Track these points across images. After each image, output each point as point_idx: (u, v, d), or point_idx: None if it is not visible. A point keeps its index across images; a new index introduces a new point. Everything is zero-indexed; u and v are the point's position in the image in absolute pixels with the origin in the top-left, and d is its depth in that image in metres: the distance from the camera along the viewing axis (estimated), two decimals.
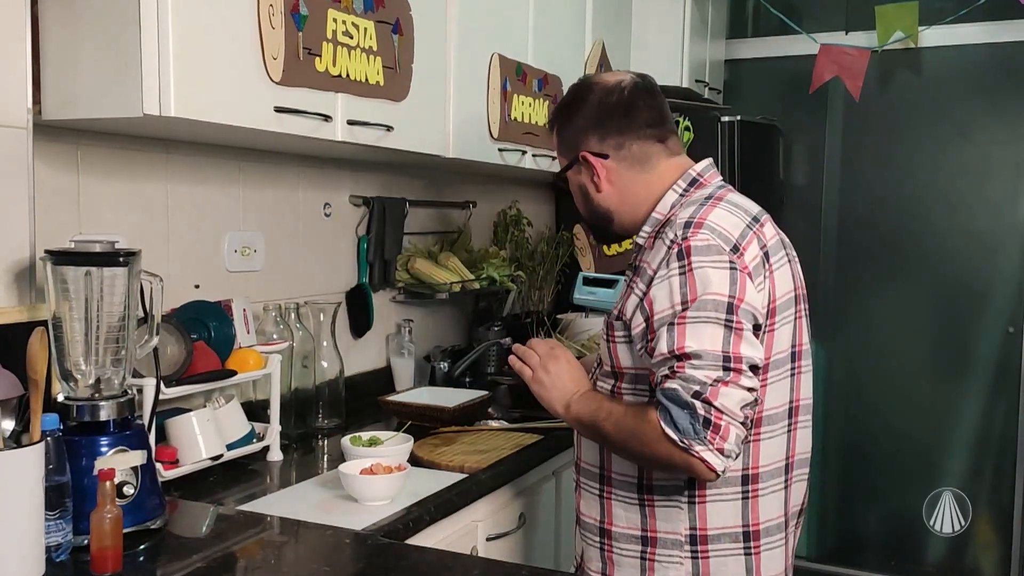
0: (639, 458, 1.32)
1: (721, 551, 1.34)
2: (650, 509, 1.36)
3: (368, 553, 1.29)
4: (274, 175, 2.09)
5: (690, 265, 1.25)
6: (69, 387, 1.32)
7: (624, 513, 1.38)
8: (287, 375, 1.97)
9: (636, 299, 1.32)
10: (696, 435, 1.20)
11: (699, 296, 1.23)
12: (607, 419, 1.33)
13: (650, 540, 1.36)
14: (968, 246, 3.33)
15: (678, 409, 1.20)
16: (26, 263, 1.43)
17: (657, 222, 1.39)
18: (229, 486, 1.64)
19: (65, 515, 1.19)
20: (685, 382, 1.21)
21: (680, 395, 1.20)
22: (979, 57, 3.27)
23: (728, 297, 1.23)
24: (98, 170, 1.67)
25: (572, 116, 1.44)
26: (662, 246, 1.30)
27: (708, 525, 1.33)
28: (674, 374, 1.22)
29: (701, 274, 1.24)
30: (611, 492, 1.40)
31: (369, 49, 1.77)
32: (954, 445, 3.39)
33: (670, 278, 1.26)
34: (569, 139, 1.45)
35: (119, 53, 1.36)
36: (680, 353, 1.22)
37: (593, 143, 1.42)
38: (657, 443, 1.23)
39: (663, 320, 1.25)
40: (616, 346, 1.36)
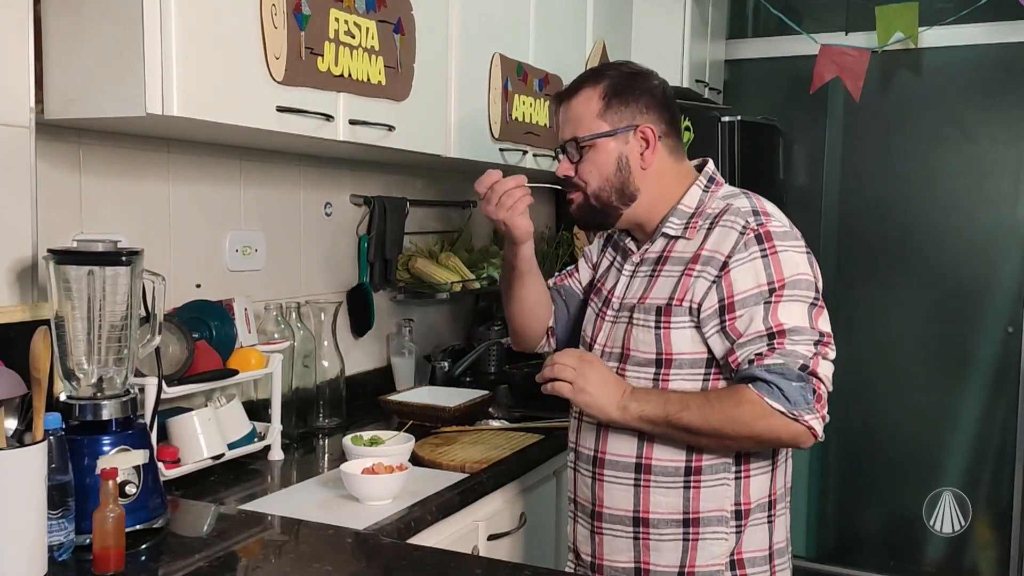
0: (734, 438, 1.34)
1: (755, 521, 1.42)
2: (695, 491, 1.40)
3: (369, 552, 1.29)
4: (275, 174, 2.09)
5: (773, 248, 1.34)
6: (71, 386, 1.32)
7: (664, 499, 1.41)
8: (288, 374, 1.97)
9: (706, 282, 1.36)
10: (807, 404, 1.29)
11: (789, 277, 1.33)
12: (685, 410, 1.34)
13: (693, 521, 1.41)
14: (968, 246, 3.33)
15: (788, 382, 1.28)
16: (28, 262, 1.43)
17: (686, 214, 1.44)
18: (230, 485, 1.64)
19: (67, 514, 1.19)
20: (790, 357, 1.29)
21: (790, 368, 1.29)
22: (979, 58, 3.27)
23: (813, 278, 1.36)
24: (100, 169, 1.67)
25: (637, 88, 1.46)
26: (729, 233, 1.37)
27: (751, 499, 1.42)
28: (773, 350, 1.30)
29: (786, 257, 1.34)
30: (649, 480, 1.42)
31: (371, 49, 1.77)
32: (953, 444, 3.39)
33: (752, 260, 1.34)
34: (628, 107, 1.45)
35: (122, 52, 1.36)
36: (779, 330, 1.30)
37: (653, 119, 1.45)
38: (759, 420, 1.30)
39: (749, 300, 1.32)
40: (671, 332, 1.38)
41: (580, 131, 1.45)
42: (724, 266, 1.35)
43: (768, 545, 1.44)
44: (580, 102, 1.46)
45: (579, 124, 1.46)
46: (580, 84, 1.48)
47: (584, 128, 1.45)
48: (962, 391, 3.37)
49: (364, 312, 2.34)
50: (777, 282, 1.32)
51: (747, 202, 1.41)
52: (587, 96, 1.46)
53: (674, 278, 1.40)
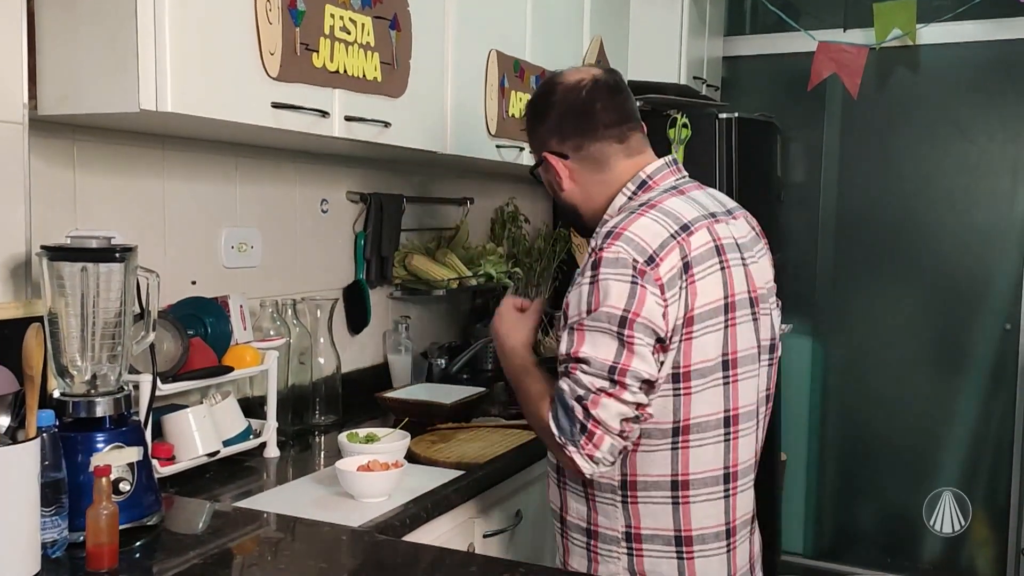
0: (537, 433, 1.40)
1: (654, 552, 1.36)
2: (592, 503, 1.40)
3: (365, 549, 1.29)
4: (271, 171, 2.09)
5: (598, 276, 1.28)
6: (65, 383, 1.31)
7: (575, 504, 1.42)
8: (284, 371, 1.97)
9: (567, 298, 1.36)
10: (571, 437, 1.27)
11: (599, 307, 1.27)
12: (521, 382, 1.41)
13: (593, 533, 1.40)
14: (965, 243, 3.34)
15: (561, 410, 1.28)
16: (22, 259, 1.42)
17: (606, 222, 1.38)
18: (225, 483, 1.64)
19: (61, 511, 1.19)
20: (573, 385, 1.27)
21: (565, 397, 1.28)
22: (977, 55, 3.27)
23: (623, 311, 1.25)
24: (94, 166, 1.66)
25: (538, 115, 1.48)
26: (586, 252, 1.35)
27: (641, 525, 1.36)
28: (567, 374, 1.29)
29: (604, 286, 1.27)
30: (565, 482, 1.44)
31: (367, 45, 1.77)
32: (950, 441, 3.39)
33: (581, 286, 1.30)
34: (536, 138, 1.50)
35: (116, 48, 1.35)
36: (575, 357, 1.28)
37: (554, 144, 1.45)
38: (543, 430, 1.33)
39: (569, 324, 1.31)
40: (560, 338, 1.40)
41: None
42: (572, 285, 1.34)
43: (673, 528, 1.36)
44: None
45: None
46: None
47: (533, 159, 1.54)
48: (960, 388, 3.38)
49: (360, 309, 2.34)
50: (589, 311, 1.27)
51: (617, 220, 1.35)
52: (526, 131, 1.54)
53: None
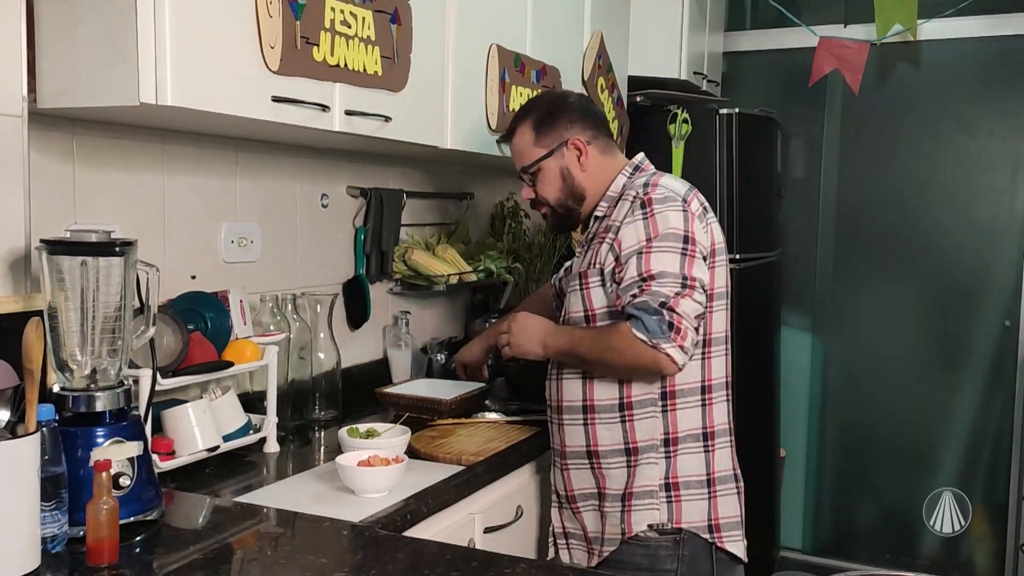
0: (613, 366, 1.62)
1: (687, 450, 1.67)
2: (630, 424, 1.67)
3: (365, 545, 1.29)
4: (271, 165, 2.08)
5: (652, 211, 1.61)
6: (65, 377, 1.31)
7: (608, 433, 1.68)
8: (284, 366, 1.97)
9: (607, 246, 1.65)
10: (663, 334, 1.52)
11: (662, 231, 1.58)
12: (582, 342, 1.64)
13: (631, 450, 1.67)
14: (965, 239, 3.33)
15: (647, 316, 1.52)
16: (21, 252, 1.42)
17: (612, 198, 1.75)
18: (226, 478, 1.64)
19: (61, 506, 1.18)
20: (652, 296, 1.54)
21: (650, 304, 1.53)
22: (978, 50, 3.27)
23: (683, 231, 1.59)
24: (94, 159, 1.66)
25: (556, 112, 1.79)
26: (625, 203, 1.67)
27: (678, 429, 1.67)
28: (642, 291, 1.55)
29: (661, 216, 1.60)
30: (594, 418, 1.69)
31: (367, 39, 1.76)
32: (949, 437, 3.40)
33: (635, 222, 1.62)
34: (554, 130, 1.77)
35: (115, 41, 1.34)
36: (647, 275, 1.56)
37: (577, 131, 1.77)
38: (628, 348, 1.55)
39: (631, 253, 1.59)
40: (590, 291, 1.68)
41: (525, 161, 1.79)
42: (617, 230, 1.64)
43: (707, 472, 1.68)
44: (517, 138, 1.81)
45: (522, 156, 1.80)
46: (514, 124, 1.82)
47: (527, 157, 1.79)
48: (959, 384, 3.38)
49: (360, 304, 2.33)
50: (654, 236, 1.58)
51: (644, 179, 1.69)
52: (521, 132, 1.80)
53: (594, 248, 1.71)
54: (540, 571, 1.23)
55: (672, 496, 1.66)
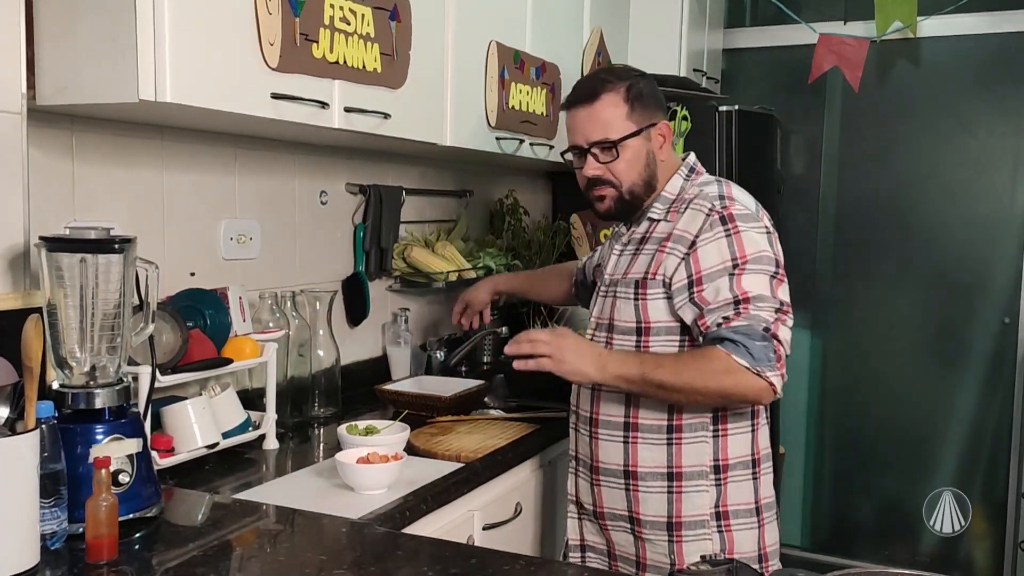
0: (706, 393, 1.49)
1: (737, 477, 1.60)
2: (677, 447, 1.58)
3: (364, 541, 1.29)
4: (270, 163, 2.08)
5: (736, 229, 1.52)
6: (64, 374, 1.31)
7: (650, 454, 1.60)
8: (283, 363, 1.97)
9: (676, 259, 1.54)
10: (768, 362, 1.44)
11: (751, 254, 1.50)
12: (659, 368, 1.50)
13: (675, 475, 1.59)
14: (965, 237, 3.33)
15: (752, 341, 1.44)
16: (20, 249, 1.42)
17: (668, 200, 1.64)
18: (225, 475, 1.64)
19: (60, 503, 1.18)
20: (753, 320, 1.46)
21: (755, 329, 1.45)
22: (978, 47, 3.26)
23: (773, 254, 1.53)
24: (93, 156, 1.66)
25: (652, 90, 1.65)
26: (697, 215, 1.55)
27: (728, 455, 1.59)
28: (739, 314, 1.46)
29: (747, 236, 1.52)
30: (637, 437, 1.61)
31: (366, 35, 1.76)
32: (949, 435, 3.40)
33: (717, 240, 1.52)
34: (648, 107, 1.63)
35: (114, 38, 1.34)
36: (742, 298, 1.47)
37: (660, 117, 1.65)
38: (727, 375, 1.45)
39: (716, 273, 1.50)
40: (647, 303, 1.58)
41: (611, 133, 1.60)
42: (692, 244, 1.53)
43: (755, 500, 1.61)
44: (605, 106, 1.60)
45: (609, 126, 1.60)
46: (600, 88, 1.60)
47: (615, 130, 1.60)
48: (958, 382, 3.38)
49: (360, 301, 2.33)
50: (740, 258, 1.49)
51: (716, 188, 1.59)
52: (612, 100, 1.60)
53: (650, 255, 1.59)
54: (539, 569, 1.23)
55: (723, 526, 1.59)
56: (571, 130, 1.66)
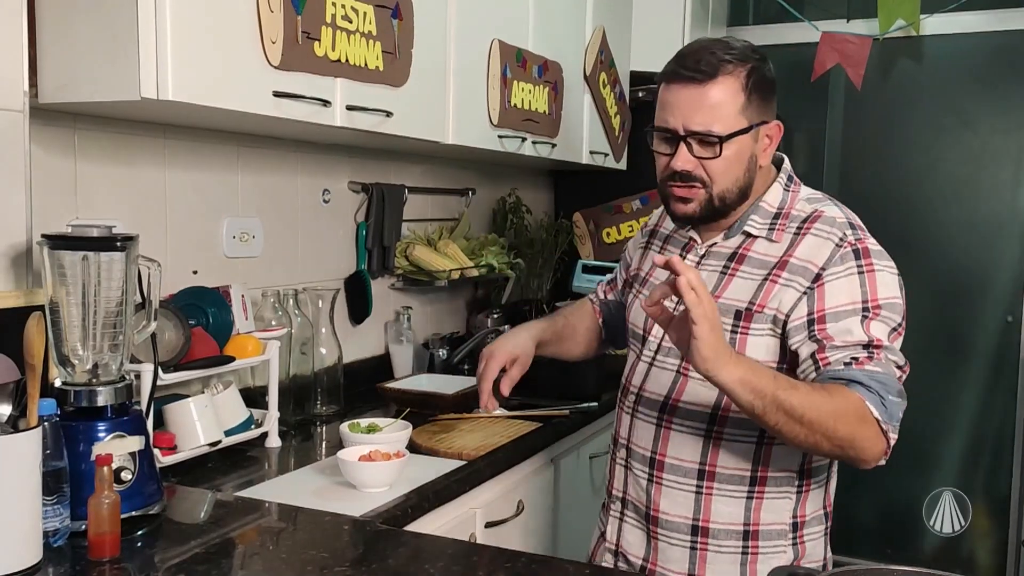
0: (824, 436, 1.21)
1: (813, 535, 1.41)
2: (758, 502, 1.37)
3: (366, 539, 1.29)
4: (272, 161, 2.08)
5: (871, 266, 1.30)
6: (66, 372, 1.31)
7: (726, 509, 1.37)
8: (285, 361, 1.97)
9: (795, 293, 1.30)
10: (896, 422, 1.24)
11: (884, 299, 1.29)
12: (794, 390, 1.20)
13: (752, 534, 1.37)
14: (968, 235, 3.33)
15: (888, 394, 1.23)
16: (23, 247, 1.42)
17: (769, 213, 1.38)
18: (227, 472, 1.64)
19: (63, 500, 1.19)
20: (890, 369, 1.25)
21: (893, 381, 1.24)
22: (981, 46, 3.25)
23: (903, 304, 1.32)
24: (95, 154, 1.66)
25: (772, 82, 1.37)
26: (824, 244, 1.32)
27: (807, 512, 1.40)
28: (871, 359, 1.24)
29: (882, 278, 1.30)
30: (712, 488, 1.37)
31: (368, 34, 1.76)
32: (951, 432, 3.39)
33: (850, 276, 1.29)
34: (764, 103, 1.35)
35: (116, 36, 1.34)
36: (877, 344, 1.25)
37: (774, 113, 1.39)
38: (859, 423, 1.22)
39: (843, 314, 1.27)
40: (748, 338, 1.32)
41: (719, 126, 1.31)
42: (818, 278, 1.29)
43: (823, 557, 1.44)
44: (721, 91, 1.31)
45: (718, 117, 1.31)
46: (719, 68, 1.31)
47: (725, 123, 1.31)
48: (961, 380, 3.37)
49: (362, 299, 2.33)
50: (871, 301, 1.28)
51: (839, 211, 1.37)
52: (730, 86, 1.31)
53: (754, 281, 1.34)
54: (540, 566, 1.23)
55: None
56: (667, 107, 1.34)
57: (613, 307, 1.72)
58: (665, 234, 1.53)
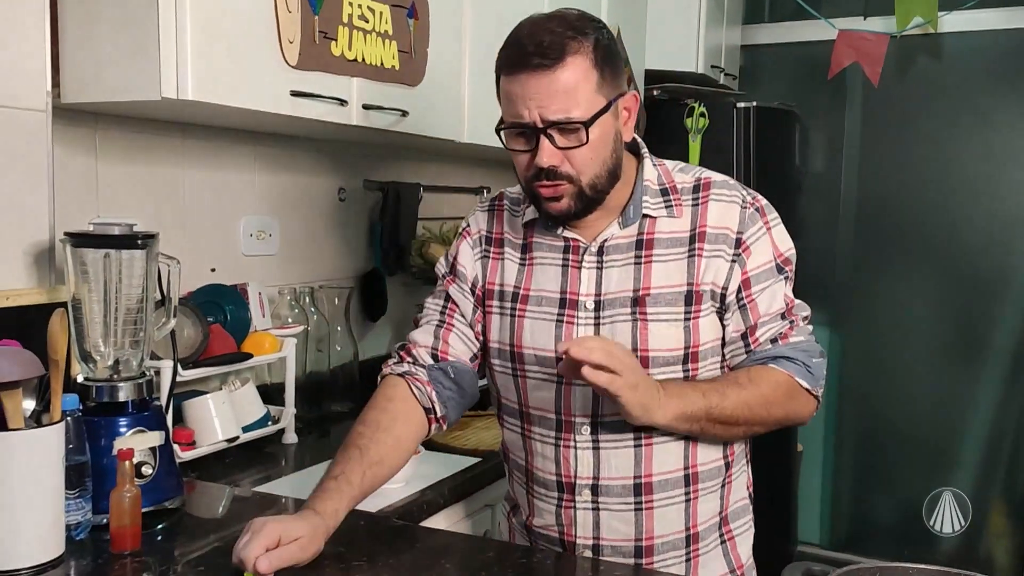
0: (762, 424, 1.24)
1: (740, 528, 1.36)
2: (728, 488, 1.32)
3: (382, 535, 1.30)
4: (289, 160, 2.10)
5: (768, 223, 1.27)
6: (88, 368, 1.33)
7: (708, 507, 1.30)
8: (302, 359, 1.99)
9: (725, 262, 1.23)
10: (823, 379, 1.26)
11: (787, 252, 1.28)
12: (724, 400, 1.19)
13: (723, 520, 1.33)
14: (986, 233, 3.30)
15: (811, 358, 1.24)
16: (46, 245, 1.44)
17: (656, 191, 1.27)
18: (245, 468, 1.66)
19: (85, 494, 1.21)
20: (807, 333, 1.26)
21: (813, 345, 1.26)
22: (999, 43, 3.23)
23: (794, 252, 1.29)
24: (115, 154, 1.68)
25: (617, 49, 1.23)
26: (730, 208, 1.24)
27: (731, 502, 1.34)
28: (792, 327, 1.25)
29: (779, 231, 1.28)
30: (697, 491, 1.28)
31: (384, 33, 1.77)
32: (969, 431, 3.37)
33: (762, 236, 1.25)
34: (616, 72, 1.21)
35: (137, 36, 1.36)
36: (790, 306, 1.26)
37: (624, 81, 1.26)
38: (791, 399, 1.24)
39: (763, 275, 1.24)
40: (699, 322, 1.24)
41: (578, 111, 1.15)
42: (739, 243, 1.24)
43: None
44: (573, 72, 1.15)
45: (575, 101, 1.15)
46: (566, 47, 1.14)
47: (584, 107, 1.16)
48: (979, 379, 3.35)
49: (378, 297, 2.35)
50: (780, 257, 1.26)
51: (720, 176, 1.30)
52: (580, 64, 1.15)
53: (677, 261, 1.24)
54: (555, 561, 1.23)
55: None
56: (516, 100, 1.17)
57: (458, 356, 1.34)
58: (520, 243, 1.33)
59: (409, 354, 1.35)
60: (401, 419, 1.29)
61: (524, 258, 1.32)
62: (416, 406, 1.31)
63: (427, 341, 1.36)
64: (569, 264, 1.28)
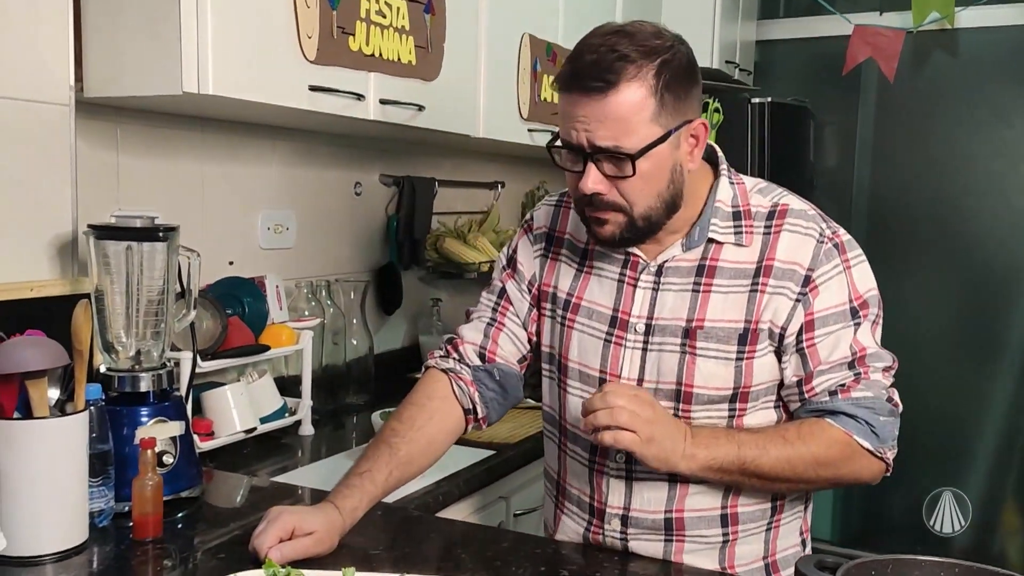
0: (812, 482, 1.17)
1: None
2: (775, 531, 1.24)
3: (399, 525, 1.32)
4: (306, 154, 2.11)
5: (848, 262, 1.17)
6: (111, 358, 1.35)
7: (749, 548, 1.23)
8: (318, 351, 2.00)
9: (788, 301, 1.14)
10: (892, 440, 1.15)
11: (866, 294, 1.17)
12: (763, 455, 1.11)
13: (770, 566, 1.25)
14: (1001, 230, 3.29)
15: (878, 417, 1.13)
16: (69, 237, 1.47)
17: (727, 214, 1.18)
18: (262, 458, 1.68)
19: (107, 482, 1.23)
20: (876, 388, 1.14)
21: (881, 402, 1.14)
22: (1016, 39, 3.21)
23: (877, 292, 1.20)
24: (137, 148, 1.70)
25: (690, 68, 1.13)
26: (804, 241, 1.16)
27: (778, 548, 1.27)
28: (858, 380, 1.14)
29: (862, 269, 1.18)
30: (737, 533, 1.21)
31: (401, 28, 1.78)
32: (983, 428, 3.36)
33: (836, 276, 1.16)
34: (682, 99, 1.11)
35: (159, 32, 1.38)
36: (861, 355, 1.15)
37: (696, 109, 1.15)
38: (845, 462, 1.13)
39: (831, 318, 1.15)
40: (753, 362, 1.16)
41: (628, 141, 1.08)
42: (808, 281, 1.14)
43: None
44: (626, 100, 1.07)
45: (625, 131, 1.08)
46: (620, 72, 1.07)
47: (634, 137, 1.08)
48: (993, 376, 3.34)
49: (393, 291, 2.36)
50: (857, 299, 1.16)
51: (801, 202, 1.20)
52: (636, 91, 1.07)
53: (739, 295, 1.16)
54: (570, 551, 1.25)
55: None
56: (568, 119, 1.12)
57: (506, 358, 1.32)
58: (582, 248, 1.27)
59: (456, 350, 1.32)
60: (438, 418, 1.27)
61: (582, 264, 1.27)
62: (455, 405, 1.28)
63: (476, 339, 1.32)
64: (626, 280, 1.22)
